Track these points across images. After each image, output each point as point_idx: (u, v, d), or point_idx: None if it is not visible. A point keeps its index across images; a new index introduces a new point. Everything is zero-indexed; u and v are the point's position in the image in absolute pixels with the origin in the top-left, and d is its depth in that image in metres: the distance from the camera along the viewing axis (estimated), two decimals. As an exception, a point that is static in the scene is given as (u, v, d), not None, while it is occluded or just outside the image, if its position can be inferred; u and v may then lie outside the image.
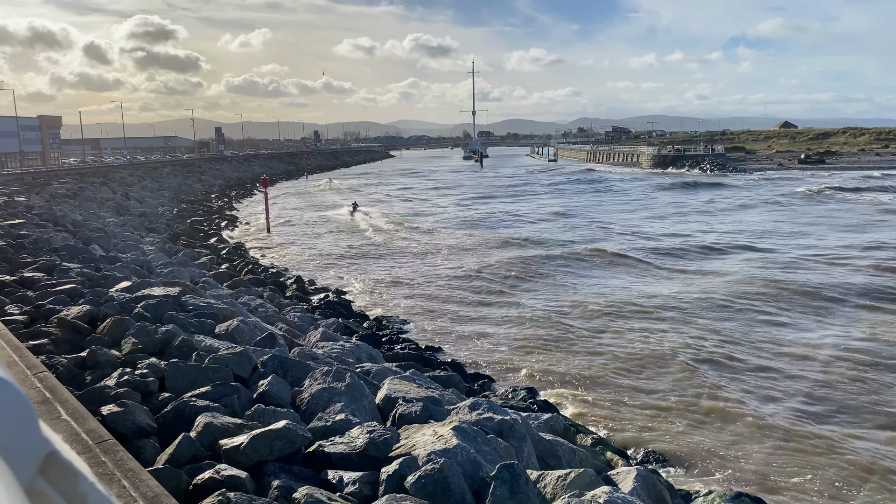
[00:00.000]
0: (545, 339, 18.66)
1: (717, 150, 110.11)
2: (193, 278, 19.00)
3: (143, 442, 6.96)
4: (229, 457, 6.65)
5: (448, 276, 27.73)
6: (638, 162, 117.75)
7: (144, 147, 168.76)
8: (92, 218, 32.55)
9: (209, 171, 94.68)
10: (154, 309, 12.24)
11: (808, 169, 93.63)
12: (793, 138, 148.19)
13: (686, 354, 16.96)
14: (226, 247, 33.56)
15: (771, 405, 14.01)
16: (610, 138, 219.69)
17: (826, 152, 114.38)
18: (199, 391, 8.13)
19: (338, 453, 6.96)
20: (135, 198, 51.06)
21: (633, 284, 25.59)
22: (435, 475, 6.32)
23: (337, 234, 42.77)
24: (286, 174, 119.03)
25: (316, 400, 8.63)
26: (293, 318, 16.87)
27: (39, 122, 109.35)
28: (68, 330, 10.57)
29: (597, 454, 10.35)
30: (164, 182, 69.57)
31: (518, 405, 12.49)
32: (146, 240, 28.63)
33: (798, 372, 15.87)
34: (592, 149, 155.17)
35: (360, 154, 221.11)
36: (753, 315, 20.81)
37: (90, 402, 7.28)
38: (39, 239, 20.85)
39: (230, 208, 59.87)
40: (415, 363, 14.53)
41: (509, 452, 7.85)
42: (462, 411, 8.79)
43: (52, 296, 12.90)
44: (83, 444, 5.71)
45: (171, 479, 5.99)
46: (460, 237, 39.18)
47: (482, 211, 53.87)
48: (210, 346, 10.41)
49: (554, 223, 45.19)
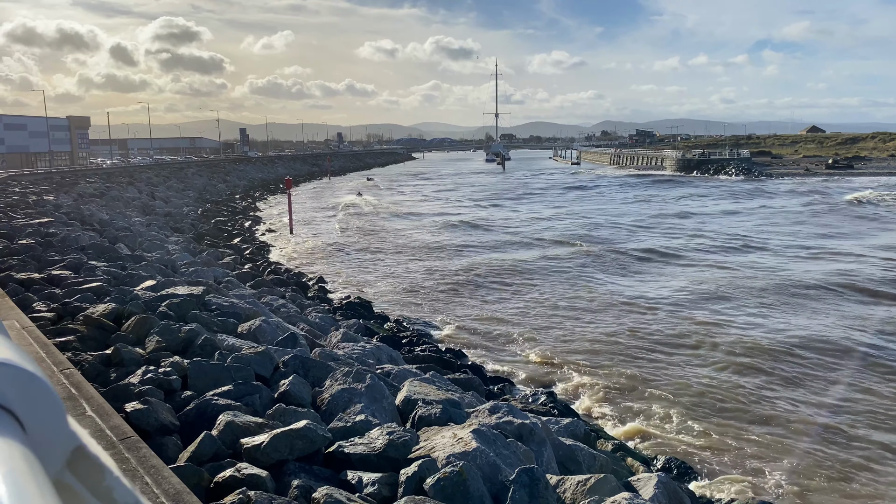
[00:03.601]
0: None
1: (742, 155, 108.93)
2: (217, 278, 19.18)
3: (165, 439, 7.03)
4: (250, 456, 6.70)
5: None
6: (662, 165, 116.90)
7: (170, 147, 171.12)
8: (118, 217, 33.01)
9: (233, 171, 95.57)
10: (178, 308, 12.38)
11: (836, 174, 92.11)
12: (820, 143, 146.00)
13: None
14: (249, 247, 33.85)
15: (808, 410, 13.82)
16: (634, 142, 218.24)
17: (854, 157, 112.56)
18: (221, 390, 8.20)
19: (357, 454, 6.98)
20: (160, 198, 51.70)
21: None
22: (454, 478, 6.31)
23: (363, 240, 42.87)
24: (309, 175, 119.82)
25: (336, 400, 8.66)
26: (315, 318, 16.97)
27: (69, 123, 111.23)
28: (94, 327, 10.72)
29: (617, 460, 10.27)
30: (189, 182, 70.37)
31: (538, 409, 12.43)
32: (171, 239, 28.97)
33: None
34: (616, 152, 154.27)
35: (383, 156, 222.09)
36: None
37: (114, 399, 7.37)
38: (67, 237, 21.18)
39: (254, 209, 60.38)
40: (435, 365, 14.53)
41: (529, 457, 7.82)
42: (482, 414, 8.78)
43: (79, 293, 13.08)
44: (107, 440, 5.79)
45: (193, 476, 6.05)
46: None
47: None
48: (232, 346, 10.50)
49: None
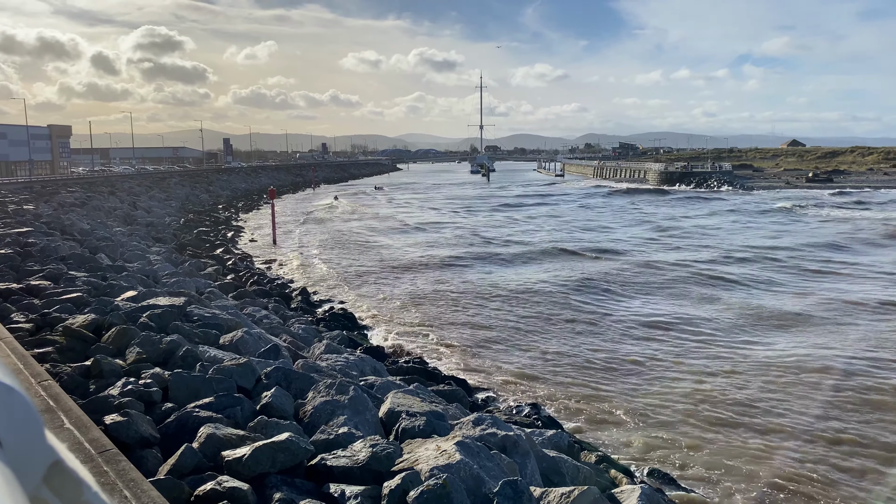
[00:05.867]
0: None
1: (724, 168, 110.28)
2: (199, 289, 19.03)
3: (145, 452, 6.94)
4: (231, 468, 6.63)
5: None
6: (645, 178, 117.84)
7: (153, 157, 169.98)
8: (99, 227, 32.68)
9: (217, 181, 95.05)
10: (159, 319, 12.26)
11: (815, 187, 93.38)
12: (801, 156, 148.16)
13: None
14: (231, 257, 33.62)
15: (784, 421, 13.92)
16: (617, 154, 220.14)
17: (834, 171, 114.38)
18: (203, 402, 8.11)
19: (340, 467, 6.93)
20: (142, 207, 51.28)
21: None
22: (437, 490, 6.28)
23: (345, 248, 42.78)
24: (293, 186, 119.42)
25: (319, 412, 8.60)
26: (298, 329, 16.87)
27: (50, 132, 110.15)
28: (73, 338, 10.58)
29: (601, 472, 10.27)
30: (171, 192, 69.86)
31: (522, 421, 12.43)
32: (153, 249, 28.72)
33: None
34: (599, 164, 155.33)
35: (368, 167, 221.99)
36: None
37: (94, 412, 7.28)
38: (47, 247, 20.93)
39: (237, 219, 60.06)
40: (419, 377, 14.49)
41: (512, 468, 7.80)
42: (465, 426, 8.75)
43: (58, 304, 12.93)
44: (86, 453, 5.71)
45: (173, 490, 5.97)
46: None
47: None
48: (214, 357, 10.41)
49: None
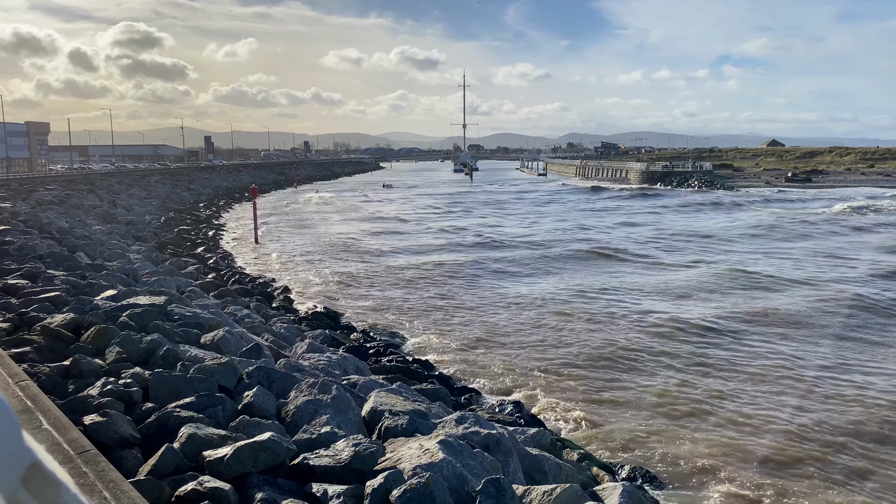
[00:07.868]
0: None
1: (705, 167, 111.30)
2: (180, 287, 18.87)
3: (125, 452, 6.87)
4: (213, 468, 6.59)
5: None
6: (627, 178, 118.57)
7: (133, 155, 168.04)
8: (78, 225, 32.30)
9: (198, 179, 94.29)
10: (139, 318, 12.13)
11: (796, 187, 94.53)
12: (780, 156, 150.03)
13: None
14: (213, 256, 33.37)
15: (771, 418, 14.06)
16: (599, 154, 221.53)
17: (813, 171, 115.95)
18: (184, 402, 8.04)
19: (322, 466, 6.91)
20: (122, 206, 50.74)
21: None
22: (420, 489, 6.28)
23: (329, 249, 42.65)
24: (276, 184, 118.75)
25: (301, 412, 8.56)
26: (280, 329, 16.78)
27: (27, 129, 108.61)
28: (52, 338, 10.44)
29: (583, 469, 10.34)
30: (152, 190, 69.21)
31: (505, 419, 12.46)
32: (133, 248, 28.42)
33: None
34: (582, 164, 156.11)
35: (351, 165, 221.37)
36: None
37: (72, 412, 7.19)
38: (24, 246, 20.65)
39: (218, 217, 59.63)
40: (402, 376, 14.47)
41: (495, 467, 7.82)
42: (448, 425, 8.76)
43: (36, 303, 12.74)
44: (65, 453, 5.64)
45: (153, 490, 5.92)
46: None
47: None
48: (195, 357, 10.32)
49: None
